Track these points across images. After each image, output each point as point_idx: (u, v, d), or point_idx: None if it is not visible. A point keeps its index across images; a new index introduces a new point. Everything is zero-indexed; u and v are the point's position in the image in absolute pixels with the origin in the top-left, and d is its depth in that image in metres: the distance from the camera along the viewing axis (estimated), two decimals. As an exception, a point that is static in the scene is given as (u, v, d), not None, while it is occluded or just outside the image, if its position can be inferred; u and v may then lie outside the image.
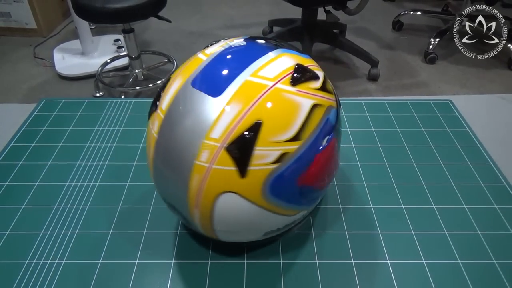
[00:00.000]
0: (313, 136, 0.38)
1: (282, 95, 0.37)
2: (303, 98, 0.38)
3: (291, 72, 0.38)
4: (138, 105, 0.72)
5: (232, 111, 0.35)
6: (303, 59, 0.42)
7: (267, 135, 0.35)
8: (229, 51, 0.40)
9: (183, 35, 2.32)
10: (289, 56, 0.40)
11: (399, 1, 2.68)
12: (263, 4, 2.63)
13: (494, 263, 0.47)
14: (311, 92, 0.39)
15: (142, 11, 1.50)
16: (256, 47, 0.41)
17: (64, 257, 0.47)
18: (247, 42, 0.42)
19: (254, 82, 0.36)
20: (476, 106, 0.75)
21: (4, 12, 2.21)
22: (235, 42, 0.42)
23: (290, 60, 0.40)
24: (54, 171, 0.58)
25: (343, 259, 0.47)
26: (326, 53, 2.10)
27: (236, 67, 0.38)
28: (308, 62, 0.42)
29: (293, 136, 0.36)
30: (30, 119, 0.68)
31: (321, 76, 0.41)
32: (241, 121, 0.35)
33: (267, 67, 0.38)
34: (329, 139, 0.39)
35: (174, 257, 0.47)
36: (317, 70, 0.42)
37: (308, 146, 0.37)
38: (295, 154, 0.37)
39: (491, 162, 0.60)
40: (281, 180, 0.37)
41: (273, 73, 0.38)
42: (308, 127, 0.37)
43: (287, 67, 0.39)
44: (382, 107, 0.72)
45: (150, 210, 0.53)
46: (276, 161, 0.36)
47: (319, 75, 0.41)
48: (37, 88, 1.89)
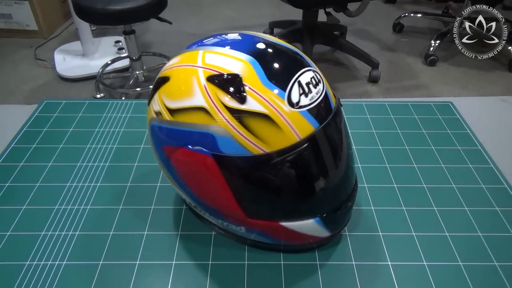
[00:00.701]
0: (184, 127, 0.39)
1: (192, 77, 0.39)
2: (201, 94, 0.38)
3: (221, 73, 0.38)
4: (138, 106, 0.72)
5: (174, 59, 0.43)
6: (268, 91, 0.38)
7: (162, 91, 0.42)
8: (224, 35, 0.44)
9: (184, 36, 2.32)
10: (248, 68, 0.38)
11: (400, 3, 2.68)
12: (264, 6, 2.64)
13: (496, 265, 0.47)
14: (212, 98, 0.38)
15: (143, 12, 1.50)
16: (240, 43, 0.42)
17: (65, 258, 0.47)
18: (242, 37, 0.43)
19: (196, 56, 0.41)
20: (477, 108, 0.75)
21: (5, 14, 2.22)
22: (240, 33, 0.44)
23: (239, 69, 0.39)
24: (55, 172, 0.58)
25: (344, 261, 0.47)
26: (327, 55, 2.10)
27: (209, 43, 0.43)
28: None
29: (171, 108, 0.40)
30: (31, 120, 0.68)
31: (253, 108, 0.37)
32: (167, 69, 0.43)
33: (218, 56, 0.40)
34: (201, 151, 0.38)
35: (175, 258, 0.47)
36: (266, 110, 0.37)
37: (177, 129, 0.40)
38: (165, 123, 0.41)
39: (492, 164, 0.60)
40: (154, 131, 0.43)
41: (212, 62, 0.39)
42: (185, 116, 0.39)
43: (228, 69, 0.38)
44: (383, 109, 0.72)
45: (151, 211, 0.53)
46: (156, 112, 0.42)
47: (252, 105, 0.37)
48: (38, 90, 1.89)
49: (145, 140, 0.65)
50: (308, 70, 0.40)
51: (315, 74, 0.40)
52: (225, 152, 0.38)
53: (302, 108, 0.38)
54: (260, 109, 0.36)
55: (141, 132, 0.66)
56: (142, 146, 0.63)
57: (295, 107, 0.37)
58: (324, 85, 0.41)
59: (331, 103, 0.42)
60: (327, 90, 0.42)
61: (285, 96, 0.37)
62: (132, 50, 1.75)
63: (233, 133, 0.37)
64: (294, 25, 2.03)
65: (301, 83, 0.38)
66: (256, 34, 0.43)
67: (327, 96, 0.41)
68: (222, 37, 0.43)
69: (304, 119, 0.38)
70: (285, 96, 0.37)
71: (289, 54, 0.41)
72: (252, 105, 0.37)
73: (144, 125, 0.67)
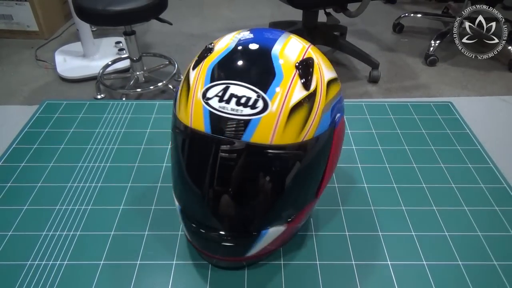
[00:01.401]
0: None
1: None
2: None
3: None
4: (139, 107, 0.73)
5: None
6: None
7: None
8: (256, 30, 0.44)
9: (184, 37, 2.33)
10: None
11: (400, 4, 2.68)
12: (264, 7, 2.64)
13: (495, 265, 0.47)
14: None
15: (143, 13, 1.51)
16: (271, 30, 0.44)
17: (66, 258, 0.47)
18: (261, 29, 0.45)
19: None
20: (477, 108, 0.75)
21: (6, 15, 2.22)
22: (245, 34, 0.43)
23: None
24: (56, 173, 0.59)
25: (343, 261, 0.47)
26: (327, 55, 2.08)
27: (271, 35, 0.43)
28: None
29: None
30: (32, 121, 0.69)
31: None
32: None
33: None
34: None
35: (175, 258, 0.47)
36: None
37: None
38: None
39: (492, 164, 0.61)
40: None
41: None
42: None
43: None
44: (382, 109, 0.72)
45: (151, 211, 0.53)
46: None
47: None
48: (39, 90, 1.89)
49: (146, 140, 0.65)
50: (246, 88, 0.37)
51: (256, 99, 0.36)
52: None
53: (207, 105, 0.37)
54: (191, 81, 0.40)
55: (142, 133, 0.66)
56: (143, 147, 0.64)
57: (203, 99, 0.38)
58: (257, 118, 0.36)
59: (246, 134, 0.37)
60: (257, 125, 0.36)
61: (205, 86, 0.38)
62: (132, 51, 1.75)
63: (180, 86, 0.43)
64: (294, 26, 2.03)
65: (227, 90, 0.37)
66: (265, 34, 0.43)
67: (248, 126, 0.36)
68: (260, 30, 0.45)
69: (202, 114, 0.38)
70: (205, 86, 0.38)
71: (244, 66, 0.39)
72: (192, 75, 0.41)
73: (145, 125, 0.68)
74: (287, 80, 0.38)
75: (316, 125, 0.39)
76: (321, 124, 0.39)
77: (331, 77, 0.42)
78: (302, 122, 0.38)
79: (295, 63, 0.39)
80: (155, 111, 0.71)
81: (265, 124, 0.36)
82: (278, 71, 0.38)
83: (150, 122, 0.69)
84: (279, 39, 0.41)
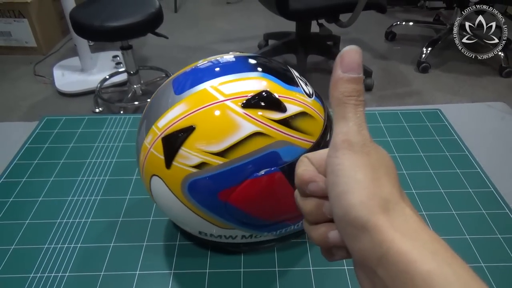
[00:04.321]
0: (244, 160, 0.38)
1: (225, 111, 0.38)
2: (246, 121, 0.38)
3: (252, 95, 0.39)
4: (136, 121, 0.75)
5: (179, 109, 0.40)
6: (293, 93, 0.41)
7: (195, 141, 0.38)
8: (214, 63, 0.43)
9: (180, 50, 2.36)
10: (266, 82, 0.40)
11: (391, 12, 2.73)
12: (258, 18, 2.68)
13: (482, 266, 0.48)
14: (259, 120, 0.38)
15: (139, 28, 1.54)
16: (240, 64, 0.43)
17: (67, 270, 0.49)
18: (236, 59, 0.44)
19: (209, 93, 0.39)
20: (464, 114, 0.77)
21: (4, 32, 2.25)
22: (225, 57, 0.44)
23: (262, 86, 0.40)
24: (56, 187, 0.60)
25: (337, 266, 0.49)
26: (321, 65, 2.13)
27: (206, 76, 0.41)
28: (302, 100, 0.41)
29: (219, 151, 0.38)
30: (32, 137, 0.70)
31: (293, 111, 0.40)
32: (180, 120, 0.39)
33: (233, 84, 0.40)
34: (269, 171, 0.39)
35: (173, 268, 0.49)
36: (301, 108, 0.40)
37: (235, 167, 0.38)
38: (216, 169, 0.38)
39: (479, 169, 0.63)
40: (198, 186, 0.39)
41: (232, 91, 0.39)
42: (240, 150, 0.38)
43: (252, 90, 0.39)
44: (373, 118, 0.74)
45: (149, 222, 0.55)
46: (196, 166, 0.39)
47: (291, 109, 0.40)
48: (38, 105, 1.91)
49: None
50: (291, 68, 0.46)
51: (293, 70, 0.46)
52: (287, 160, 0.39)
53: (314, 95, 0.44)
54: (297, 109, 0.40)
55: (140, 146, 0.68)
56: (141, 160, 0.65)
57: (312, 97, 0.43)
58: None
59: None
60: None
61: (302, 91, 0.42)
62: (129, 64, 1.78)
63: (290, 140, 0.39)
64: (288, 37, 2.07)
65: (298, 78, 0.44)
66: (236, 54, 0.45)
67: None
68: (213, 64, 0.43)
69: (319, 103, 0.44)
70: (302, 91, 0.42)
71: (273, 60, 0.46)
72: (291, 109, 0.40)
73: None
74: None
75: None
76: None
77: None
78: None
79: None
80: (152, 124, 0.73)
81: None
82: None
83: (147, 135, 0.71)
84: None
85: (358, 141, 0.24)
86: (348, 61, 0.25)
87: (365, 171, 0.23)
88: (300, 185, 0.28)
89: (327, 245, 0.27)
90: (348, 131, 0.24)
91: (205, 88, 0.40)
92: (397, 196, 0.23)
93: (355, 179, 0.23)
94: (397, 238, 0.21)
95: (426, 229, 0.23)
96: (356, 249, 0.23)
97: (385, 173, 0.24)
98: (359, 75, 0.25)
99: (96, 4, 1.64)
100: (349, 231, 0.23)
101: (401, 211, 0.23)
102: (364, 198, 0.22)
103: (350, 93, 0.25)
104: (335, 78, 0.26)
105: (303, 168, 0.28)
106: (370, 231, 0.22)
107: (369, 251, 0.22)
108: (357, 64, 0.25)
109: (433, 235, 0.22)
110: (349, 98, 0.25)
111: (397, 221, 0.22)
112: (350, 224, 0.23)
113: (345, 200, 0.23)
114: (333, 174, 0.24)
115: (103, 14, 1.52)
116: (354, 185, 0.23)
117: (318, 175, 0.27)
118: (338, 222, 0.24)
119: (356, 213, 0.22)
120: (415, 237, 0.22)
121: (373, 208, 0.22)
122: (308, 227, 0.28)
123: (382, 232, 0.22)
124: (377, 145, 0.25)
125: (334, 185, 0.24)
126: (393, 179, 0.24)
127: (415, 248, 0.21)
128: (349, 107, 0.25)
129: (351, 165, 0.24)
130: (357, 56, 0.25)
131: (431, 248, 0.21)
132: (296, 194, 0.29)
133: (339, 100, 0.25)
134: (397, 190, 0.24)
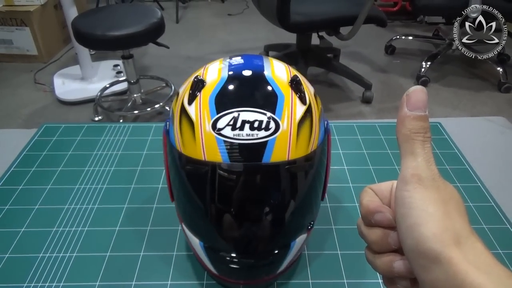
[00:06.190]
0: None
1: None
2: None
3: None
4: (136, 129, 0.74)
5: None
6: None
7: None
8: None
9: (181, 60, 2.37)
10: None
11: (391, 26, 2.76)
12: (259, 29, 2.71)
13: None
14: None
15: (141, 38, 1.55)
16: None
17: (62, 280, 0.48)
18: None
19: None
20: (465, 128, 0.77)
21: (6, 40, 2.27)
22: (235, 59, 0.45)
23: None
24: (53, 195, 0.60)
25: (336, 279, 0.48)
26: (321, 77, 2.15)
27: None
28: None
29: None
30: (30, 144, 0.70)
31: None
32: None
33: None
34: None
35: (170, 279, 0.48)
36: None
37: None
38: None
39: (479, 183, 0.62)
40: None
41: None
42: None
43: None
44: (373, 130, 0.74)
45: (147, 232, 0.54)
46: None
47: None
48: (37, 113, 1.91)
49: (142, 162, 0.66)
50: (256, 112, 0.38)
51: (267, 121, 0.38)
52: (169, 136, 0.43)
53: (220, 136, 0.38)
54: (192, 116, 0.40)
55: (138, 155, 0.68)
56: (139, 168, 0.65)
57: (214, 131, 0.38)
58: (272, 138, 0.38)
59: (265, 155, 0.38)
60: (274, 145, 0.38)
61: (213, 118, 0.39)
62: (130, 73, 1.78)
63: (174, 124, 0.42)
64: (288, 48, 2.08)
65: (238, 118, 0.38)
66: (250, 60, 0.45)
67: (266, 148, 0.38)
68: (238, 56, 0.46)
69: (216, 145, 0.38)
70: (213, 118, 0.39)
71: (247, 92, 0.41)
72: (191, 109, 0.40)
73: (141, 147, 0.69)
74: (288, 98, 0.40)
75: (318, 134, 0.42)
76: (320, 132, 0.43)
77: (313, 90, 0.45)
78: (308, 134, 0.40)
79: (288, 82, 0.41)
80: (152, 133, 0.73)
81: (280, 142, 0.38)
82: (278, 91, 0.40)
83: (146, 144, 0.70)
84: (264, 63, 0.44)
85: (428, 175, 0.25)
86: (415, 100, 0.26)
87: (436, 205, 0.24)
88: (365, 214, 0.29)
89: (391, 275, 0.28)
90: (417, 166, 0.25)
91: (270, 59, 0.46)
92: (468, 230, 0.24)
93: (427, 212, 0.24)
94: (471, 271, 0.22)
95: (499, 264, 0.23)
96: (428, 280, 0.24)
97: (455, 208, 0.25)
98: (425, 113, 0.26)
99: (98, 14, 1.66)
100: (421, 262, 0.24)
101: (472, 245, 0.24)
102: (437, 230, 0.23)
103: (418, 130, 0.26)
104: (402, 115, 0.26)
105: (368, 199, 0.29)
106: (444, 263, 0.23)
107: (443, 282, 0.23)
108: (423, 102, 0.26)
109: (507, 271, 0.23)
110: (416, 134, 0.26)
111: (469, 254, 0.23)
112: (422, 255, 0.24)
113: (418, 231, 0.24)
114: (404, 207, 0.25)
115: (105, 23, 1.53)
116: (426, 218, 0.24)
117: (384, 206, 0.29)
118: (409, 253, 0.25)
119: (430, 244, 0.23)
120: (489, 271, 0.22)
121: (446, 240, 0.23)
122: (372, 256, 0.29)
123: (456, 264, 0.22)
124: (445, 180, 0.26)
125: (406, 217, 0.25)
126: (463, 214, 0.25)
127: (490, 283, 0.22)
128: (417, 143, 0.26)
129: (422, 198, 0.25)
130: (423, 95, 0.26)
131: (506, 283, 0.22)
132: (360, 223, 0.30)
133: (407, 136, 0.26)
134: (468, 225, 0.25)
